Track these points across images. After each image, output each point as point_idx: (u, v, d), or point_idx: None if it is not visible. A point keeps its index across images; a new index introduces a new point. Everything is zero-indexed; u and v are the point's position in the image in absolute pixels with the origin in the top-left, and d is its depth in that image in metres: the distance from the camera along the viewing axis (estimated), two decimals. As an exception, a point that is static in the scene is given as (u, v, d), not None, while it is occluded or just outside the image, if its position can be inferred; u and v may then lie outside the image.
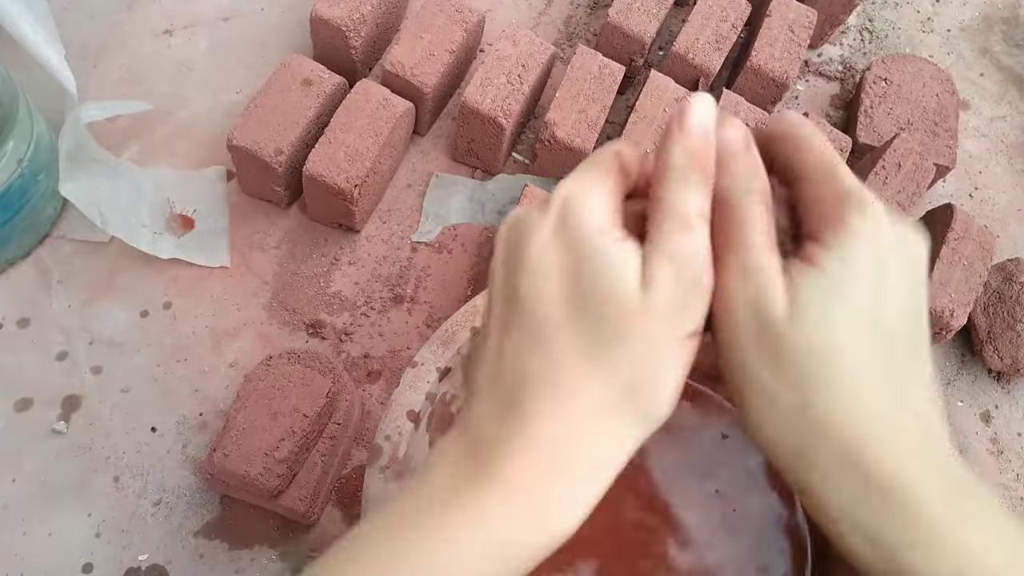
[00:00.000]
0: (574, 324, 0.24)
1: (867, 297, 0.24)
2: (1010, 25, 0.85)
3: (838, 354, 0.24)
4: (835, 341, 0.24)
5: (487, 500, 0.24)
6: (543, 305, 0.25)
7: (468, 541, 0.24)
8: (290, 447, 0.48)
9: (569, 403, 0.24)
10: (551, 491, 0.24)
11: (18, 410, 0.54)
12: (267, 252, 0.61)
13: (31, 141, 0.54)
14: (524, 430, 0.25)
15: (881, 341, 0.24)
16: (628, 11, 0.67)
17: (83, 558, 0.50)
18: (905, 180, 0.62)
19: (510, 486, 0.24)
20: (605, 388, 0.24)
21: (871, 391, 0.24)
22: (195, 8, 0.70)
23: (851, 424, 0.24)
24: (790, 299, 0.24)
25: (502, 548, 0.24)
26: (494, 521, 0.24)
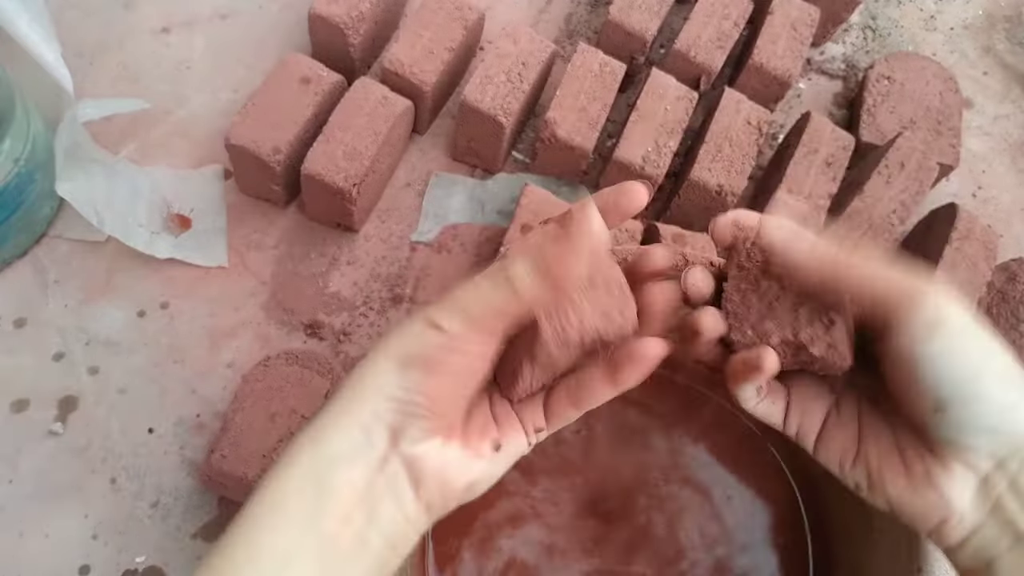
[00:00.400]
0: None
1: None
2: (1013, 23, 0.84)
3: (1000, 360, 0.27)
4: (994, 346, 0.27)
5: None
6: None
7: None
8: (288, 449, 0.48)
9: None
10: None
11: (14, 411, 0.53)
12: (265, 252, 0.61)
13: (27, 140, 0.53)
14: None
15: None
16: (629, 8, 0.66)
17: (80, 560, 0.50)
18: (908, 179, 0.61)
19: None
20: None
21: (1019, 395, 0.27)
22: (192, 6, 0.70)
23: (1006, 416, 0.27)
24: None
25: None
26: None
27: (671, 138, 0.61)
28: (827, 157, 0.62)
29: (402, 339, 0.27)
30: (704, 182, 0.60)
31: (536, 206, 0.58)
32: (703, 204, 0.63)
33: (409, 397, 0.26)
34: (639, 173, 0.60)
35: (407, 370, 0.26)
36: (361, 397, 0.26)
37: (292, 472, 0.26)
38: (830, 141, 0.63)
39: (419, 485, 0.27)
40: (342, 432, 0.26)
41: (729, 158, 0.61)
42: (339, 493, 0.25)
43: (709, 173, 0.60)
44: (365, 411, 0.26)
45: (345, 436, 0.26)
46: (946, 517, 0.27)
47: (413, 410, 0.26)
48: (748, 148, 0.62)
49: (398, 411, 0.26)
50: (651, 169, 0.60)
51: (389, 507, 0.26)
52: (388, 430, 0.26)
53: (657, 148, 0.60)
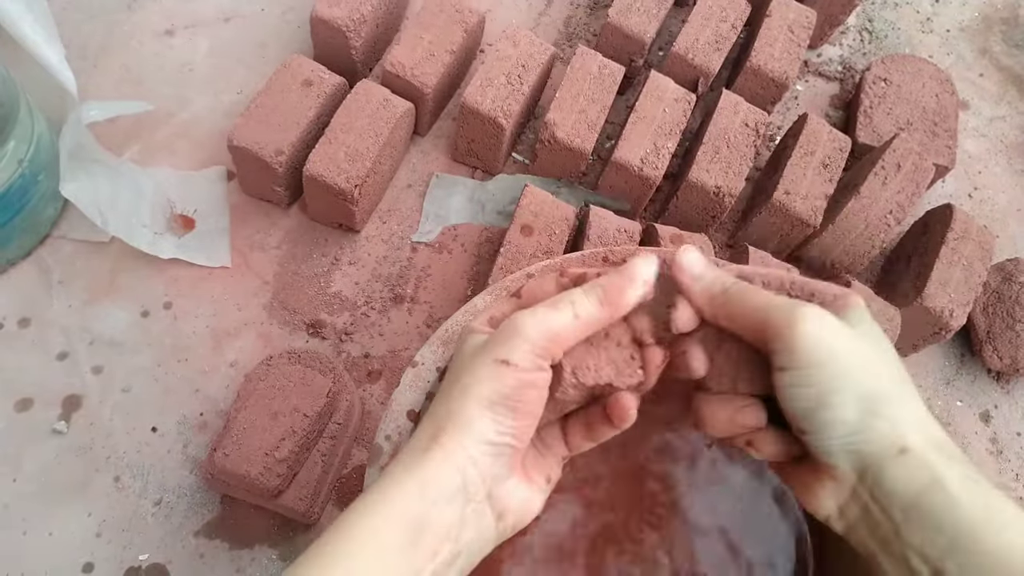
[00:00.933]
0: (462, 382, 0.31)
1: (874, 343, 0.30)
2: (1009, 25, 0.85)
3: (882, 372, 0.30)
4: (879, 357, 0.30)
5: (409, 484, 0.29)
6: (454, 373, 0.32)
7: (389, 504, 0.28)
8: (290, 447, 0.48)
9: (453, 403, 0.30)
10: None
11: (19, 410, 0.54)
12: (267, 252, 0.61)
13: (32, 141, 0.54)
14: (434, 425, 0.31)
15: (892, 369, 0.30)
16: (628, 11, 0.67)
17: (84, 558, 0.50)
18: (905, 180, 0.62)
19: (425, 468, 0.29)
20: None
21: (909, 403, 0.29)
22: (196, 8, 0.70)
23: (899, 430, 0.28)
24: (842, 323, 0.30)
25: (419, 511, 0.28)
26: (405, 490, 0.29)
27: (669, 139, 0.61)
28: (824, 158, 0.63)
29: (483, 384, 0.30)
30: (702, 183, 0.61)
31: (536, 207, 0.58)
32: (701, 205, 0.63)
33: (502, 440, 0.30)
34: (638, 174, 0.60)
35: (497, 414, 0.29)
36: (461, 444, 0.29)
37: (393, 509, 0.29)
38: (827, 142, 0.63)
39: (501, 519, 0.31)
40: (444, 477, 0.29)
41: (727, 159, 0.62)
42: (434, 530, 0.29)
43: (707, 174, 0.61)
44: (464, 456, 0.29)
45: (448, 480, 0.29)
46: (826, 518, 0.31)
47: (502, 451, 0.30)
48: (746, 149, 0.62)
49: (490, 453, 0.30)
50: (649, 170, 0.60)
51: (471, 534, 0.30)
52: (480, 473, 0.30)
53: (655, 149, 0.61)
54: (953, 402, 0.65)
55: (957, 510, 0.27)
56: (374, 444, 0.38)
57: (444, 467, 0.29)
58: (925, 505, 0.27)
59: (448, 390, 0.31)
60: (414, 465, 0.29)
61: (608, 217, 0.58)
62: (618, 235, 0.57)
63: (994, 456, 0.63)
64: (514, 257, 0.56)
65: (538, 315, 0.30)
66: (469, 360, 0.31)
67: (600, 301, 0.30)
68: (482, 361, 0.30)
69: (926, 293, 0.59)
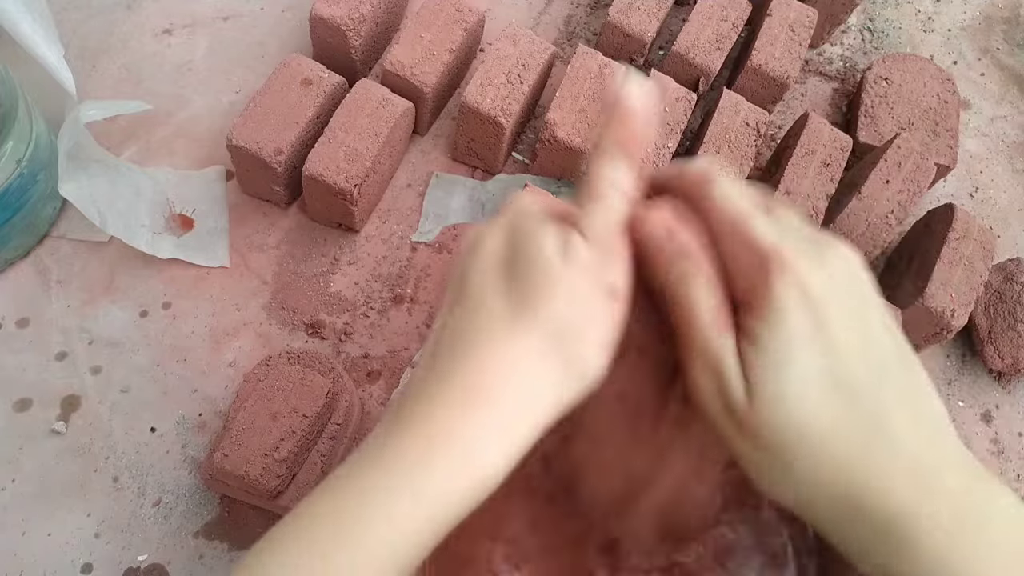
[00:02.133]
0: (505, 290, 0.27)
1: (814, 355, 0.25)
2: (1011, 25, 0.84)
3: (800, 421, 0.25)
4: (793, 411, 0.25)
5: (414, 456, 0.25)
6: (484, 279, 0.27)
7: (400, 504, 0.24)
8: (290, 447, 0.48)
9: (495, 349, 0.26)
10: (470, 423, 0.25)
11: (17, 410, 0.54)
12: (266, 252, 0.61)
13: (30, 141, 0.53)
14: (451, 375, 0.26)
15: (840, 388, 0.25)
16: (628, 10, 0.66)
17: (82, 558, 0.50)
18: (906, 180, 0.62)
19: (429, 425, 0.25)
20: (530, 336, 0.26)
21: (843, 440, 0.24)
22: (194, 8, 0.70)
23: (834, 475, 0.24)
24: (746, 381, 0.25)
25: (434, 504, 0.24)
26: (405, 463, 0.25)
27: (670, 139, 0.61)
28: (825, 158, 0.62)
29: (601, 325, 0.27)
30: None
31: (536, 206, 0.58)
32: (702, 205, 0.63)
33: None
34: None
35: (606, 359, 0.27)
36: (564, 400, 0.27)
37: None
38: (828, 142, 0.63)
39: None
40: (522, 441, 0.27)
41: (728, 159, 0.61)
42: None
43: (708, 174, 0.61)
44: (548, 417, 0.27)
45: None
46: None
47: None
48: (746, 149, 0.62)
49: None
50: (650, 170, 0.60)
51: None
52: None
53: (656, 149, 0.60)
54: (954, 402, 0.65)
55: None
56: (373, 445, 0.38)
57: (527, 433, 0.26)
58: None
59: (531, 315, 0.26)
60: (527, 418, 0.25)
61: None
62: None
63: (995, 456, 0.63)
64: (514, 257, 0.56)
65: (602, 212, 0.27)
66: (559, 280, 0.26)
67: (625, 154, 0.27)
68: (586, 290, 0.26)
69: (927, 293, 0.59)
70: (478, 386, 0.25)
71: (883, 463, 0.24)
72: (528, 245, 0.27)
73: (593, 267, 0.26)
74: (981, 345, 0.64)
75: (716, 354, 0.25)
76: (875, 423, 0.24)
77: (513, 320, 0.26)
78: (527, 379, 0.26)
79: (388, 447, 0.25)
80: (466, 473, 0.25)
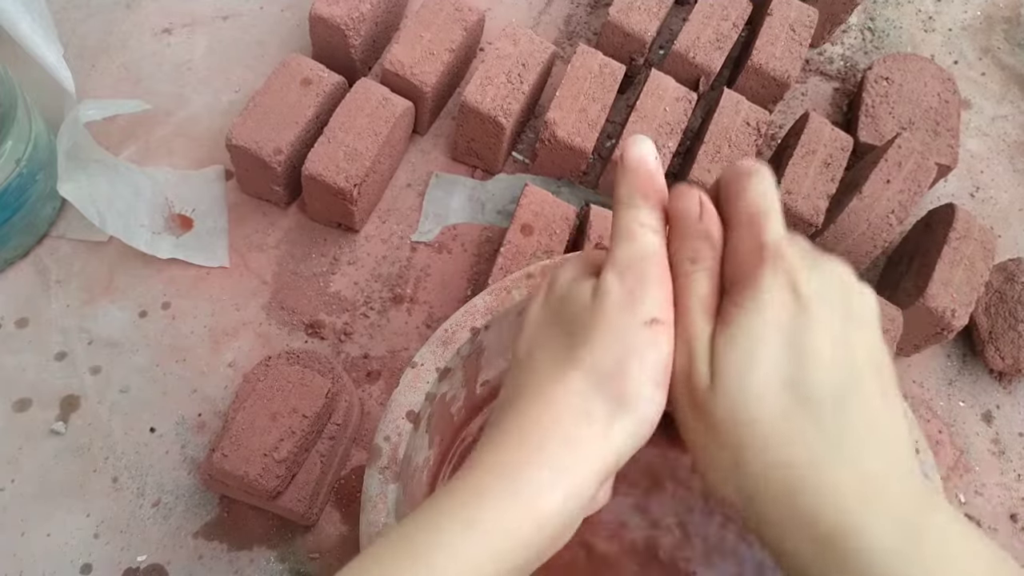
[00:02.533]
0: (553, 342, 0.28)
1: (784, 353, 0.25)
2: (1012, 24, 0.84)
3: (757, 416, 0.25)
4: (751, 404, 0.25)
5: (465, 486, 0.25)
6: (532, 344, 0.29)
7: (454, 533, 0.24)
8: (289, 448, 0.48)
9: (544, 394, 0.27)
10: (527, 471, 0.25)
11: (17, 410, 0.54)
12: (266, 252, 0.61)
13: (29, 141, 0.53)
14: (504, 426, 0.27)
15: (804, 392, 0.25)
16: (629, 10, 0.66)
17: (82, 559, 0.50)
18: (907, 179, 0.62)
19: (487, 467, 0.26)
20: (574, 378, 0.26)
21: (797, 442, 0.24)
22: (194, 7, 0.70)
23: (783, 479, 0.24)
24: (712, 366, 0.25)
25: (487, 530, 0.24)
26: (469, 500, 0.25)
27: (670, 139, 0.61)
28: (826, 157, 0.62)
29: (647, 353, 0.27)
30: (703, 183, 0.61)
31: (536, 206, 0.58)
32: (702, 204, 0.63)
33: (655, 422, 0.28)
34: (638, 173, 0.60)
35: (661, 390, 0.28)
36: (631, 435, 0.27)
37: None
38: (829, 142, 0.63)
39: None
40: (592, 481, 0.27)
41: (728, 158, 0.61)
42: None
43: (708, 174, 0.61)
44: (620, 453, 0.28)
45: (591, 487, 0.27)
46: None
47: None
48: (747, 149, 0.62)
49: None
50: (650, 169, 0.60)
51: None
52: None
53: (656, 149, 0.60)
54: (955, 402, 0.65)
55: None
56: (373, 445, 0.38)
57: (599, 469, 0.26)
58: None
59: (567, 365, 0.27)
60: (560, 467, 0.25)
61: (609, 217, 0.57)
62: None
63: (996, 456, 0.63)
64: (514, 257, 0.56)
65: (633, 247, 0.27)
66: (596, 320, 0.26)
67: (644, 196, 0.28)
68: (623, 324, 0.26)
69: (928, 293, 0.59)
70: (530, 429, 0.26)
71: (834, 473, 0.24)
72: (569, 297, 0.28)
73: (627, 300, 0.26)
74: (982, 345, 0.64)
75: (692, 336, 0.26)
76: (832, 434, 0.24)
77: (558, 366, 0.27)
78: (576, 418, 0.26)
79: (452, 496, 0.26)
80: (525, 511, 0.25)
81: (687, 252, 0.27)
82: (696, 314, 0.26)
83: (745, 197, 0.27)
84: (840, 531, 0.23)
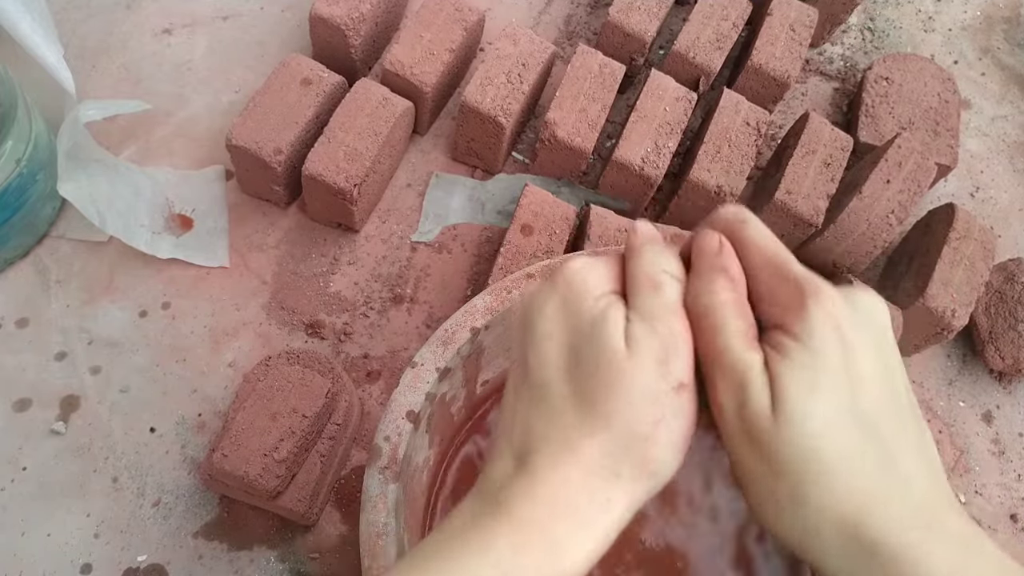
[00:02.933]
0: (571, 382, 0.27)
1: (842, 381, 0.25)
2: (1011, 24, 0.84)
3: (822, 444, 0.25)
4: (817, 432, 0.25)
5: (497, 532, 0.25)
6: (546, 368, 0.27)
7: (476, 570, 0.25)
8: (289, 448, 0.48)
9: (569, 453, 0.26)
10: (556, 529, 0.26)
11: (17, 410, 0.54)
12: (266, 252, 0.61)
13: (29, 141, 0.53)
14: (532, 476, 0.26)
15: (862, 420, 0.25)
16: (629, 10, 0.66)
17: (82, 558, 0.50)
18: (907, 179, 0.62)
19: (519, 520, 0.26)
20: (602, 440, 0.26)
21: (859, 471, 0.25)
22: (194, 7, 0.70)
23: (846, 505, 0.25)
24: (771, 396, 0.25)
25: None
26: (503, 552, 0.25)
27: (670, 139, 0.61)
28: (826, 158, 0.62)
29: (673, 422, 0.27)
30: (703, 183, 0.61)
31: (536, 206, 0.58)
32: (702, 204, 0.63)
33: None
34: (638, 174, 0.60)
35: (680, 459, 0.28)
36: (636, 501, 0.28)
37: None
38: (829, 142, 0.63)
39: None
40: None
41: (728, 159, 0.61)
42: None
43: (708, 174, 0.61)
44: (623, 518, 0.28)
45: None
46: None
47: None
48: (747, 149, 0.62)
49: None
50: (650, 170, 0.60)
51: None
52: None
53: (656, 149, 0.60)
54: (955, 402, 0.65)
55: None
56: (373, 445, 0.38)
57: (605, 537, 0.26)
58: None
59: (597, 422, 0.26)
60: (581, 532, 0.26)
61: (609, 217, 0.57)
62: (619, 235, 0.57)
63: (996, 456, 0.63)
64: (514, 257, 0.56)
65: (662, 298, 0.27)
66: (628, 380, 0.26)
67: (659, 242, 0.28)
68: (654, 388, 0.26)
69: (928, 293, 0.59)
70: (562, 492, 0.26)
71: (895, 500, 0.25)
72: (591, 334, 0.27)
73: (659, 360, 0.26)
74: (982, 345, 0.64)
75: (743, 367, 0.26)
76: (890, 461, 0.25)
77: (583, 423, 0.26)
78: (605, 480, 0.26)
79: (480, 533, 0.26)
80: (553, 569, 0.25)
81: (711, 286, 0.27)
82: (740, 347, 0.26)
83: (754, 243, 0.28)
84: (903, 556, 0.24)
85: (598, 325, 0.27)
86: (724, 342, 0.26)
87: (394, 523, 0.36)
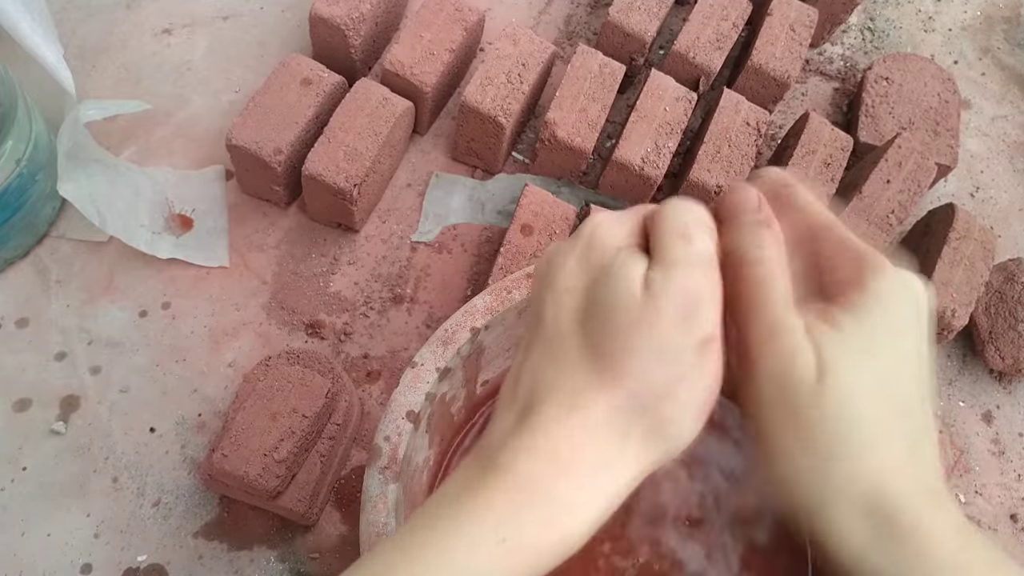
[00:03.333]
0: (585, 334, 0.25)
1: (889, 358, 0.25)
2: (1012, 24, 0.84)
3: (864, 415, 0.25)
4: (861, 403, 0.24)
5: (495, 491, 0.24)
6: (561, 320, 0.26)
7: (477, 534, 0.24)
8: (289, 448, 0.48)
9: (577, 407, 0.25)
10: (557, 486, 0.24)
11: (17, 410, 0.54)
12: (266, 252, 0.61)
13: (29, 141, 0.53)
14: (534, 430, 0.25)
15: (898, 398, 0.25)
16: (629, 10, 0.66)
17: (82, 559, 0.50)
18: (907, 179, 0.62)
19: (517, 477, 0.24)
20: (612, 395, 0.25)
21: (889, 446, 0.25)
22: (194, 7, 0.70)
23: (873, 477, 0.25)
24: (818, 362, 0.24)
25: (511, 543, 0.24)
26: (502, 512, 0.24)
27: (670, 139, 0.61)
28: (826, 158, 0.62)
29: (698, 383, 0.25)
30: (703, 182, 0.61)
31: (536, 206, 0.58)
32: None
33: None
34: (638, 173, 0.60)
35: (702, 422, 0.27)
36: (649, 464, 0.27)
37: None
38: (829, 142, 0.63)
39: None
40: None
41: (728, 159, 0.61)
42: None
43: (708, 174, 0.61)
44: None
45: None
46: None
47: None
48: (747, 149, 0.62)
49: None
50: (650, 170, 0.60)
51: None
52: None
53: (656, 149, 0.60)
54: (955, 402, 0.65)
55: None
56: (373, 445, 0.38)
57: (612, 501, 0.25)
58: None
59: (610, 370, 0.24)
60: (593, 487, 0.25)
61: (608, 217, 0.57)
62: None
63: (996, 457, 0.63)
64: (514, 257, 0.56)
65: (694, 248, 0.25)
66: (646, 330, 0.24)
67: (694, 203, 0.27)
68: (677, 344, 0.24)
69: (928, 293, 0.59)
70: (566, 447, 0.24)
71: (917, 477, 0.25)
72: (609, 283, 0.25)
73: (683, 311, 0.24)
74: (982, 345, 0.64)
75: (789, 330, 0.25)
76: (914, 442, 0.25)
77: (594, 375, 0.25)
78: (613, 440, 0.25)
79: (478, 494, 0.25)
80: (555, 529, 0.24)
81: (758, 239, 0.26)
82: (783, 308, 0.25)
83: (807, 209, 0.27)
84: (918, 530, 0.24)
85: (615, 270, 0.25)
86: (772, 301, 0.25)
87: (394, 523, 0.36)
